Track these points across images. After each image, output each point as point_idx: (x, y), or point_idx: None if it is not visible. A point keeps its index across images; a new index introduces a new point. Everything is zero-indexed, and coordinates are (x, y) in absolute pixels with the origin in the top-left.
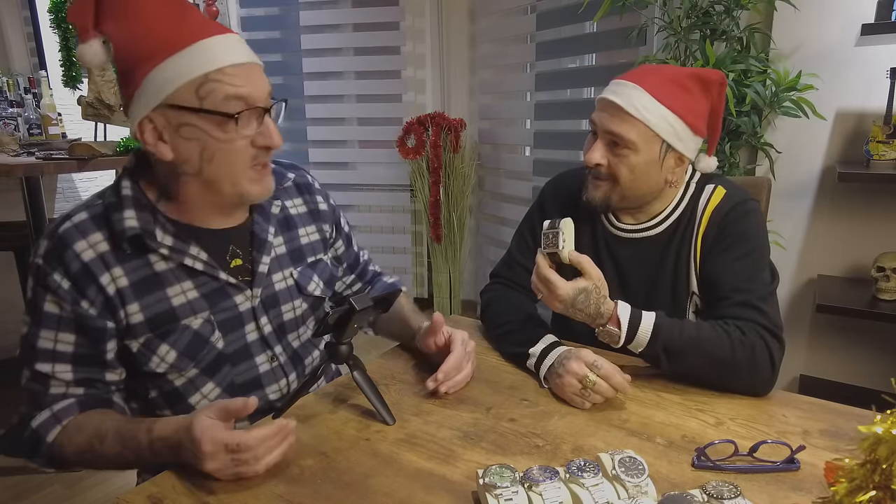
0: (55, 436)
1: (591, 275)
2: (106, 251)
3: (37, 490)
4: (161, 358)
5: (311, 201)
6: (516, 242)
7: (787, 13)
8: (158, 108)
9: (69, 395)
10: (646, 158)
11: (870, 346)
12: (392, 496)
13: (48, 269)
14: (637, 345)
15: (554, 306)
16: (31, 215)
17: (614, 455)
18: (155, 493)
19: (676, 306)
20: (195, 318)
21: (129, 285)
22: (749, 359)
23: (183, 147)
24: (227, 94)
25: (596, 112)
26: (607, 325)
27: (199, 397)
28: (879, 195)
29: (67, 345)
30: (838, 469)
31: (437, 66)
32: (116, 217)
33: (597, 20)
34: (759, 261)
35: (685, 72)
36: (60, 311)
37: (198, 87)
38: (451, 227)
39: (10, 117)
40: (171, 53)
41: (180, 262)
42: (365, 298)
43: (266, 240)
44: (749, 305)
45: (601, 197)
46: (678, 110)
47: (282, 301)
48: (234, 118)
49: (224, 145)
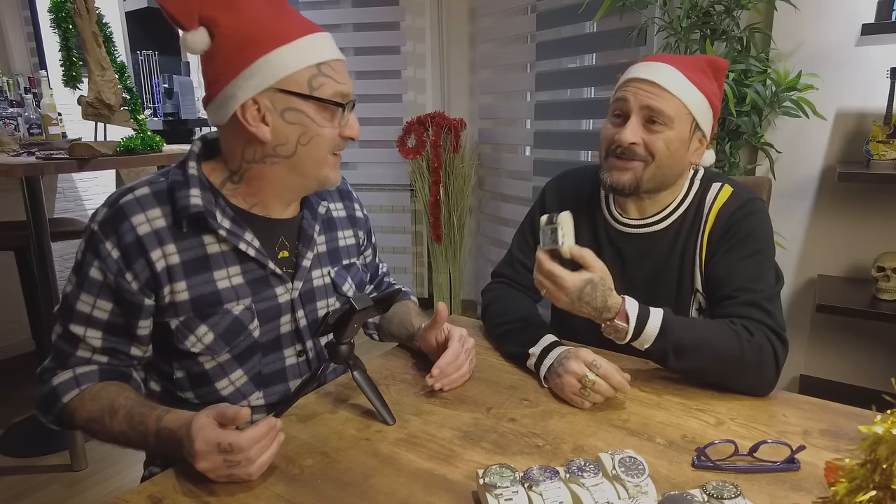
0: (71, 398)
1: (594, 267)
2: (162, 227)
3: (37, 490)
4: (198, 338)
5: (350, 207)
6: (517, 242)
7: (788, 13)
8: (267, 91)
9: (93, 360)
10: (679, 136)
11: (870, 346)
12: (392, 496)
13: (102, 236)
14: (643, 341)
15: (560, 301)
16: (31, 215)
17: (614, 455)
18: (155, 493)
19: (680, 304)
20: (237, 304)
21: (180, 263)
22: (756, 358)
23: (284, 129)
24: (335, 89)
25: (627, 91)
26: (615, 320)
27: (226, 382)
28: (879, 195)
29: (103, 312)
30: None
31: (438, 66)
32: (182, 194)
33: (597, 20)
34: (766, 261)
35: (701, 58)
36: (103, 279)
37: (311, 77)
38: (451, 227)
39: (11, 117)
40: (284, 42)
41: (235, 245)
42: (365, 298)
43: (312, 236)
44: (755, 305)
45: (630, 179)
46: (705, 90)
47: (318, 297)
48: (342, 108)
49: (322, 131)
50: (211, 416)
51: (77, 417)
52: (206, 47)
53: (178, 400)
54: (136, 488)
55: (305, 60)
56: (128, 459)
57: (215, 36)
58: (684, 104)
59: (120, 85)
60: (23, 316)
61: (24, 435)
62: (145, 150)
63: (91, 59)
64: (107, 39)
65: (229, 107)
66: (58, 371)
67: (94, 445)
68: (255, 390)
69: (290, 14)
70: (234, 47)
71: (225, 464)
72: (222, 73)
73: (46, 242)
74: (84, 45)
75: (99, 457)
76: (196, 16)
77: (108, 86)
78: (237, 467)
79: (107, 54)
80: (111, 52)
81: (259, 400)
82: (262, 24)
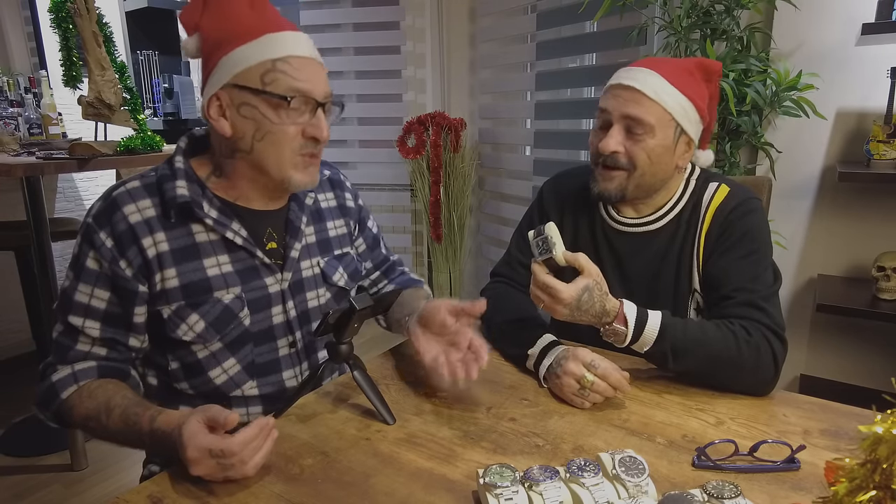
0: (69, 394)
1: (589, 271)
2: (152, 216)
3: (37, 490)
4: (189, 326)
5: (340, 196)
6: (516, 242)
7: (788, 13)
8: (226, 86)
9: (92, 354)
10: (662, 142)
11: (870, 345)
12: (392, 496)
13: (96, 227)
14: (643, 344)
15: (559, 313)
16: (31, 215)
17: (614, 455)
18: (155, 493)
19: (677, 303)
20: (227, 293)
21: (170, 251)
22: (754, 359)
23: (240, 124)
24: (289, 85)
25: (608, 100)
26: (613, 324)
27: (219, 371)
28: (880, 195)
29: (101, 301)
30: (838, 469)
31: (438, 66)
32: (169, 186)
33: (597, 20)
34: (763, 260)
35: (691, 61)
36: (99, 269)
37: (264, 72)
38: (451, 227)
39: (11, 117)
40: (247, 41)
41: (222, 234)
42: (365, 298)
43: (299, 227)
44: (753, 305)
45: (616, 187)
46: (689, 94)
47: (307, 288)
48: (287, 101)
49: (275, 127)
50: (201, 420)
51: (74, 414)
52: (196, 52)
53: (175, 392)
54: (136, 488)
55: (261, 56)
56: (128, 459)
57: (202, 40)
58: (666, 109)
59: (120, 85)
60: (23, 316)
61: (24, 435)
62: (145, 149)
63: (91, 58)
64: (107, 39)
65: (204, 102)
66: (57, 367)
67: (95, 445)
68: (248, 379)
69: (262, 15)
70: (211, 49)
71: (219, 467)
72: (204, 73)
73: (47, 242)
74: (84, 44)
75: (99, 456)
76: (194, 24)
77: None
78: (231, 469)
79: (107, 54)
80: (111, 52)
81: (253, 390)
82: (232, 24)
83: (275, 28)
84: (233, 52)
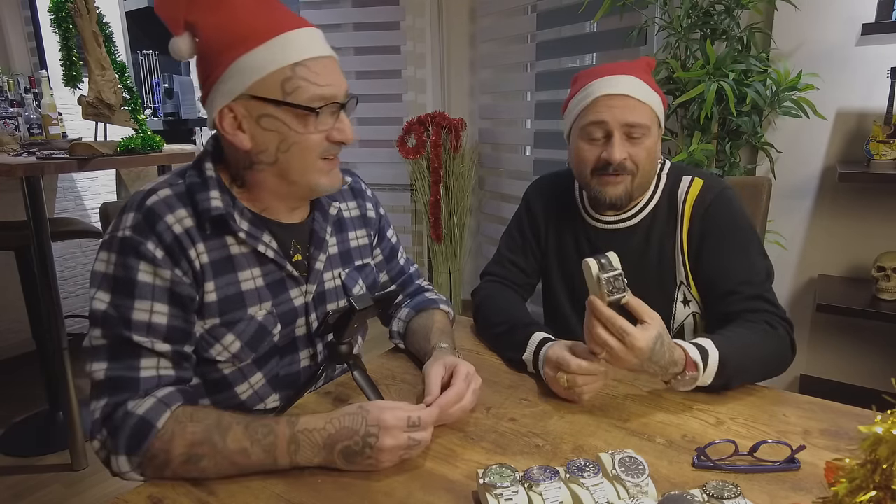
0: (164, 421)
1: (654, 318)
2: (191, 227)
3: (37, 490)
4: (225, 347)
5: (362, 206)
6: (505, 241)
7: (788, 13)
8: (240, 98)
9: (163, 379)
10: (654, 140)
11: (870, 346)
12: (392, 496)
13: (141, 238)
14: (705, 379)
15: (627, 363)
16: (31, 215)
17: (614, 455)
18: (155, 493)
19: (664, 295)
20: (259, 309)
21: (210, 262)
22: (783, 350)
23: (262, 137)
24: (313, 93)
25: (602, 112)
26: (686, 372)
27: (246, 386)
28: (880, 195)
29: (162, 315)
30: (839, 469)
31: (438, 66)
32: (202, 196)
33: (597, 20)
34: (751, 246)
35: (642, 60)
36: (154, 280)
37: (284, 80)
38: (451, 227)
39: (11, 117)
40: (258, 44)
41: (254, 247)
42: (365, 298)
43: (324, 238)
44: (760, 298)
45: (623, 191)
46: (656, 90)
47: (329, 300)
48: (315, 113)
49: (302, 137)
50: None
51: (175, 445)
52: (190, 54)
53: None
54: (136, 488)
55: (278, 62)
56: None
57: (199, 40)
58: (652, 109)
59: (120, 85)
60: (23, 315)
61: (24, 435)
62: (145, 149)
63: (91, 58)
64: (107, 39)
65: (211, 114)
66: (128, 402)
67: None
68: (272, 392)
69: (268, 11)
70: (212, 52)
71: (406, 441)
72: (206, 78)
73: (47, 242)
74: (84, 44)
75: None
76: (182, 21)
77: (108, 86)
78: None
79: (107, 54)
80: (111, 52)
81: (275, 402)
82: (237, 24)
83: (287, 26)
84: (244, 57)
